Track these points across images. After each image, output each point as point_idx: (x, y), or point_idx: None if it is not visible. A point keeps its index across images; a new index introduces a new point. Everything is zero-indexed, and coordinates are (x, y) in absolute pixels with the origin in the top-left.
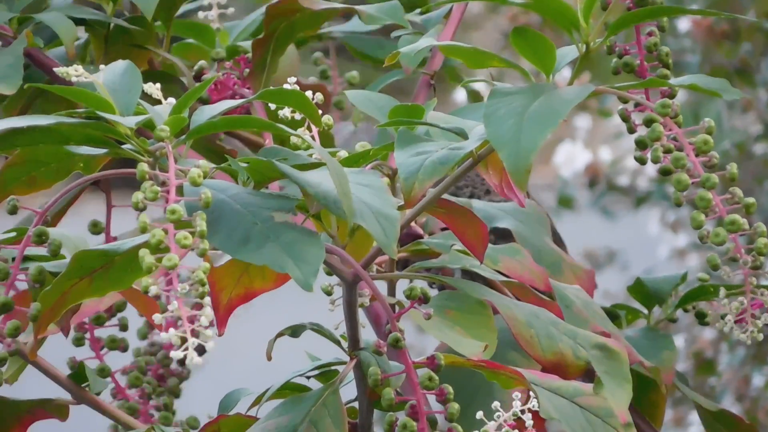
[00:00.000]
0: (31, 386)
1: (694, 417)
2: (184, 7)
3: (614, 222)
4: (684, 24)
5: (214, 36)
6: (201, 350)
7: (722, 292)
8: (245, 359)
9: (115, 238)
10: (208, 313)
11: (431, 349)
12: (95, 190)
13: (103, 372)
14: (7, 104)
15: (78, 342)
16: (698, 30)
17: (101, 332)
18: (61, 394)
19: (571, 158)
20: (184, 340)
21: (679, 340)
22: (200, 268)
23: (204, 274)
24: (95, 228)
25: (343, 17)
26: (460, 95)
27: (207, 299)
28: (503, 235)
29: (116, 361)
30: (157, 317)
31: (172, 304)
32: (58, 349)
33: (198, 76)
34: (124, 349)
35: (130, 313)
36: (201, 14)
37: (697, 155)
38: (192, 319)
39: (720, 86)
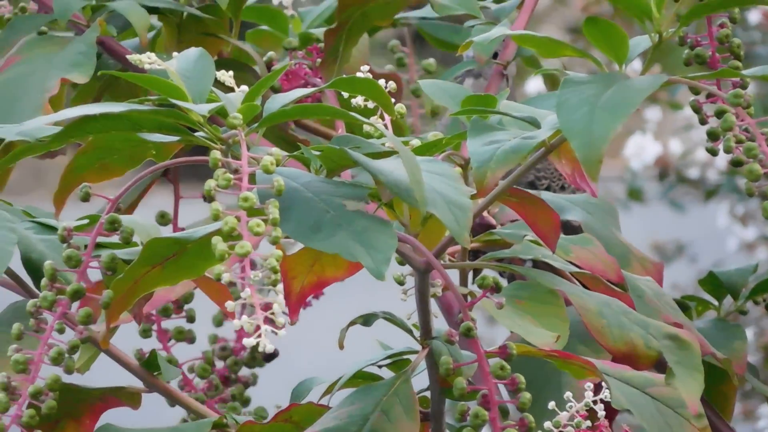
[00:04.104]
0: (97, 377)
1: (764, 410)
2: None
3: (683, 214)
4: (754, 16)
5: (287, 22)
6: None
7: None
8: (316, 348)
9: (182, 229)
10: (280, 301)
11: (501, 340)
12: (163, 182)
13: (171, 363)
14: (78, 93)
15: (145, 333)
16: None
17: (168, 324)
18: (131, 384)
19: (641, 150)
20: (257, 327)
21: (748, 333)
22: (273, 256)
23: (276, 261)
24: (163, 219)
25: (416, 7)
26: (531, 86)
27: (280, 287)
28: (570, 231)
29: (183, 352)
30: (230, 304)
31: (245, 291)
32: (124, 341)
33: (268, 68)
34: (192, 340)
35: (200, 305)
36: (275, 0)
37: None
38: (265, 307)
39: None
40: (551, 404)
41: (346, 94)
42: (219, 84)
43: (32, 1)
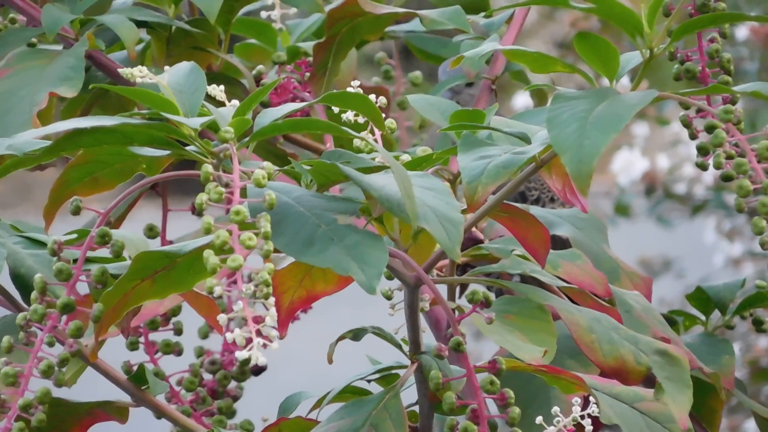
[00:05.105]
0: (84, 390)
1: (750, 425)
2: (246, 7)
3: (670, 230)
4: (742, 32)
5: (276, 35)
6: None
7: None
8: (305, 362)
9: (170, 242)
10: (273, 314)
11: (488, 355)
12: (150, 195)
13: (158, 376)
14: (66, 107)
15: (132, 346)
16: (756, 38)
17: (155, 336)
18: (119, 397)
19: (629, 166)
20: (249, 340)
21: (734, 348)
22: (264, 269)
23: (268, 275)
24: (151, 232)
25: (403, 21)
26: (520, 101)
27: (271, 300)
28: (559, 245)
29: (171, 365)
30: (222, 318)
31: (237, 304)
32: (112, 353)
33: (257, 81)
34: (179, 353)
35: (187, 318)
36: (263, 14)
37: (759, 161)
38: (257, 320)
39: None
40: (539, 419)
41: (335, 109)
42: (209, 98)
43: (20, 15)
